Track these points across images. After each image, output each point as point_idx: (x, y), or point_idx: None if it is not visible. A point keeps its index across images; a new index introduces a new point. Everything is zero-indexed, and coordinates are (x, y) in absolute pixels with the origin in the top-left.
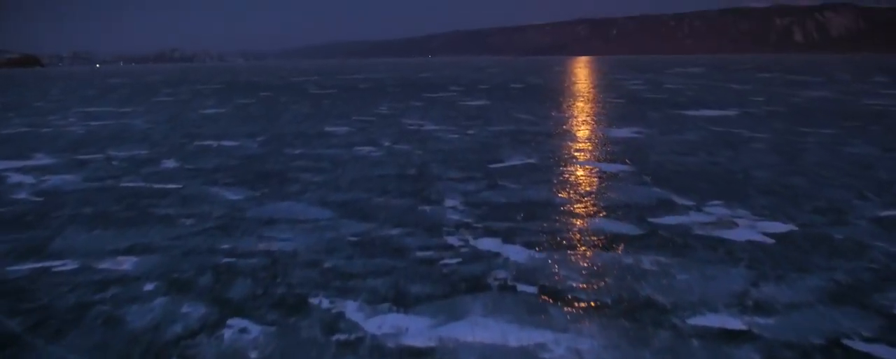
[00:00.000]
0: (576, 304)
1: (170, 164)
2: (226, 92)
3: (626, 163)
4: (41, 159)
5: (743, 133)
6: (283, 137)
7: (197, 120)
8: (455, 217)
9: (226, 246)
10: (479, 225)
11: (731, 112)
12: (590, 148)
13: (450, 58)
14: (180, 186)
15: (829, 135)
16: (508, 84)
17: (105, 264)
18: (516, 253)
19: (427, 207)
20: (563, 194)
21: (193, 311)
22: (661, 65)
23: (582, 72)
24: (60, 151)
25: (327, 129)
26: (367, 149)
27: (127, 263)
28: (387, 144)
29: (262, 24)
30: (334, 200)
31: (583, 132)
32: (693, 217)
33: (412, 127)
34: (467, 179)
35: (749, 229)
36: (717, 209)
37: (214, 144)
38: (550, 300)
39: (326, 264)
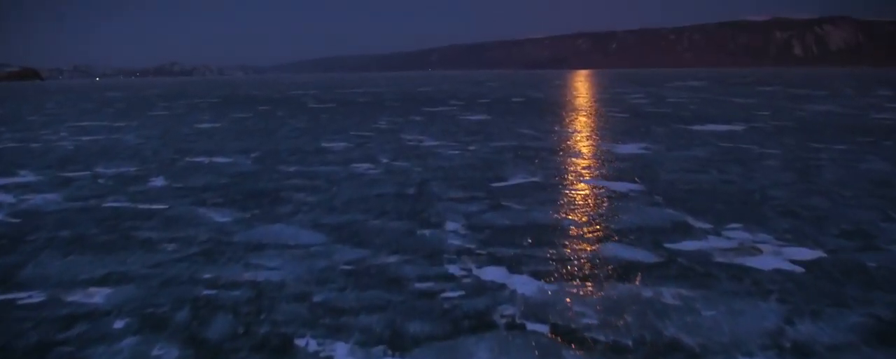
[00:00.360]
0: (593, 346)
1: (158, 182)
2: (223, 106)
3: (635, 181)
4: (25, 176)
5: (753, 149)
6: (278, 154)
7: (191, 135)
8: (456, 242)
9: (208, 276)
10: (483, 252)
11: (737, 127)
12: (596, 165)
13: (449, 71)
14: (166, 206)
15: (841, 151)
16: (509, 98)
17: (75, 296)
18: (524, 285)
19: (426, 231)
20: (571, 216)
21: (165, 354)
22: (662, 78)
23: (582, 85)
24: (46, 168)
25: (324, 144)
26: (364, 166)
27: (99, 296)
28: (385, 160)
29: (263, 38)
30: (328, 222)
31: (587, 148)
32: (712, 242)
33: (411, 143)
34: (469, 200)
35: (774, 257)
36: (736, 233)
37: (206, 160)
38: (564, 341)
39: (316, 298)
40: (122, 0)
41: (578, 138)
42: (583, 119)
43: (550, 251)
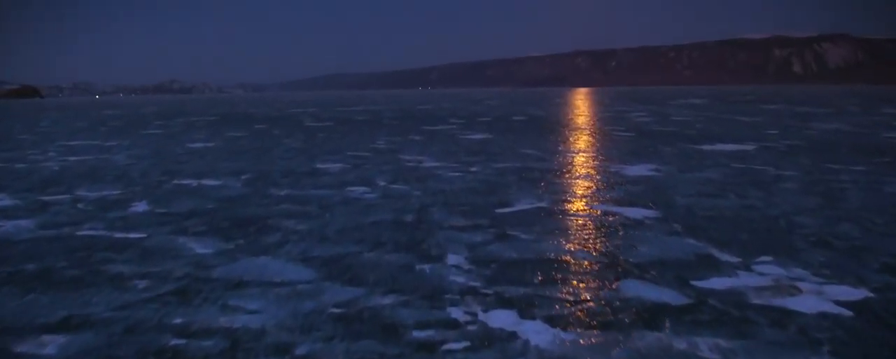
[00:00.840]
0: None
1: (140, 207)
2: (218, 124)
3: (649, 207)
4: (2, 200)
5: (768, 170)
6: (270, 176)
7: (182, 155)
8: (460, 280)
9: (179, 320)
10: (489, 291)
11: (748, 146)
12: (606, 188)
13: (448, 89)
14: (145, 235)
15: (861, 172)
16: (509, 116)
17: (25, 346)
18: (537, 333)
19: (426, 266)
20: (584, 248)
21: None
22: (663, 96)
23: (583, 103)
24: (26, 191)
25: (319, 166)
26: (360, 190)
27: (53, 345)
28: (382, 183)
29: (263, 56)
30: (318, 255)
31: (595, 169)
32: (744, 279)
33: (410, 164)
34: (472, 228)
35: (816, 297)
36: (769, 268)
37: (194, 183)
38: None
39: (300, 349)
40: (123, 18)
41: (584, 159)
42: (587, 138)
43: (565, 291)
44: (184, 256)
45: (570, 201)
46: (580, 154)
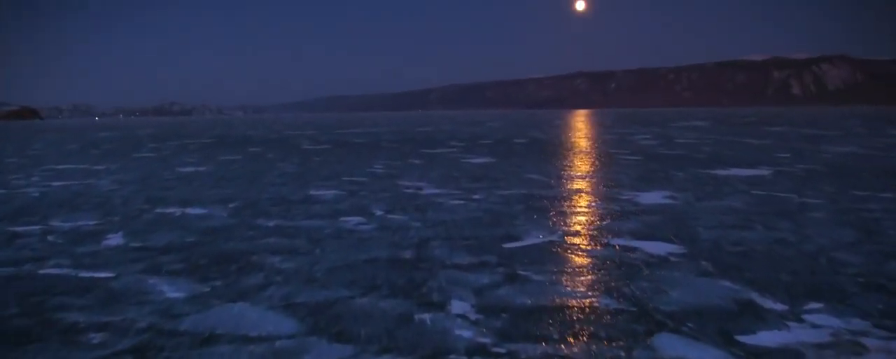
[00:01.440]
0: None
1: (114, 240)
2: (213, 147)
3: (671, 240)
4: None
5: (791, 198)
6: (259, 204)
7: (170, 180)
8: (466, 334)
9: None
10: (502, 350)
11: (763, 171)
12: (620, 219)
13: (448, 111)
14: (112, 274)
15: (891, 200)
16: (511, 139)
17: None
18: None
19: (427, 316)
20: (607, 293)
21: None
22: (664, 118)
23: (585, 125)
24: None
25: (312, 192)
26: (354, 220)
27: None
28: (379, 212)
29: (263, 78)
30: (304, 301)
31: (606, 197)
32: (797, 333)
33: (409, 190)
34: (479, 267)
35: (888, 356)
36: (822, 318)
37: (178, 211)
38: None
39: None
40: (124, 40)
41: (593, 185)
42: (593, 162)
43: (591, 348)
44: (151, 302)
45: (583, 234)
46: (588, 180)
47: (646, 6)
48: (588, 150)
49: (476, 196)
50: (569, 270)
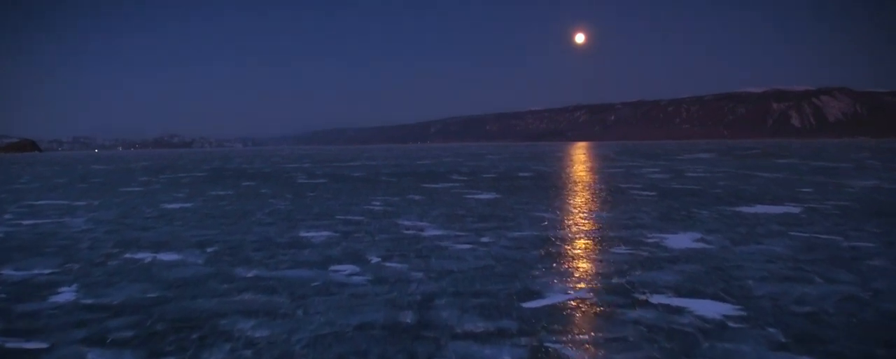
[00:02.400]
0: None
1: (65, 294)
2: (205, 181)
3: (722, 298)
4: None
5: (837, 241)
6: (242, 248)
7: (150, 219)
8: None
9: None
10: None
11: (792, 208)
12: (654, 268)
13: (448, 143)
14: (46, 344)
15: None
16: (515, 172)
17: None
18: None
19: None
20: None
21: None
22: (666, 150)
23: (587, 158)
24: None
25: (302, 234)
26: (346, 270)
27: None
28: (375, 260)
29: (263, 111)
30: None
31: (630, 240)
32: None
33: (410, 232)
34: (495, 337)
35: None
36: None
37: (148, 257)
38: None
39: None
40: (126, 72)
41: (611, 225)
42: (605, 198)
43: None
44: None
45: (616, 289)
46: (604, 219)
47: (644, 39)
48: (597, 184)
49: (484, 239)
50: (608, 340)
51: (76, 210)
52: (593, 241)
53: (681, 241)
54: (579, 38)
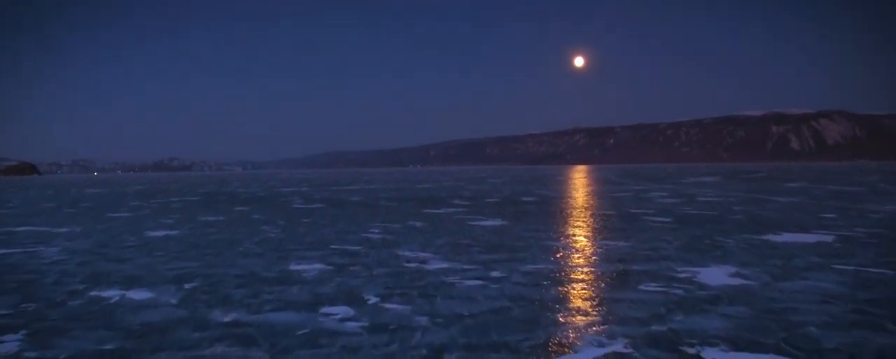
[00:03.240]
0: None
1: (7, 344)
2: (197, 206)
3: (790, 353)
4: None
5: (888, 275)
6: (223, 284)
7: (130, 248)
8: None
9: None
10: None
11: (824, 237)
12: (698, 312)
13: (448, 167)
14: None
15: None
16: (519, 197)
17: None
18: None
19: None
20: None
21: None
22: (669, 173)
23: (591, 182)
24: None
25: (292, 267)
26: (339, 313)
27: None
28: (372, 299)
29: (264, 134)
30: None
31: (659, 276)
32: None
33: (411, 265)
34: None
35: None
36: None
37: (116, 296)
38: None
39: None
40: (126, 95)
41: (634, 256)
42: (620, 226)
43: None
44: None
45: (658, 340)
46: (624, 249)
47: (643, 63)
48: (606, 209)
49: (495, 273)
50: None
51: (54, 238)
52: (618, 276)
53: (715, 276)
54: (578, 61)
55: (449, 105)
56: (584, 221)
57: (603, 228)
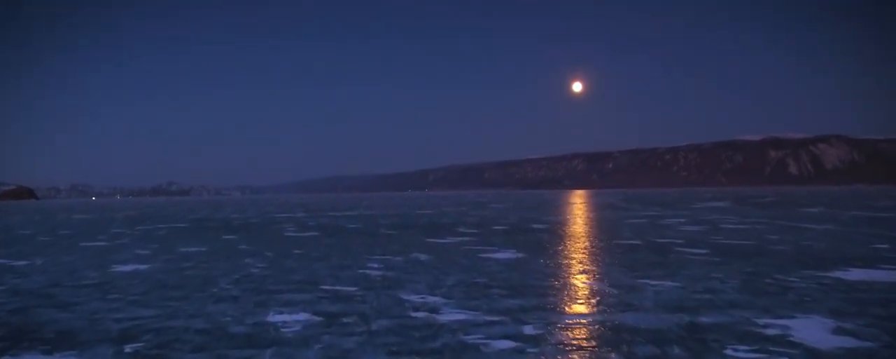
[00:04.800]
0: None
1: None
2: (182, 234)
3: None
4: None
5: None
6: (176, 345)
7: (84, 289)
8: None
9: None
10: None
11: (893, 272)
12: None
13: (447, 192)
14: None
15: None
16: (527, 224)
17: None
18: None
19: None
20: None
21: None
22: (674, 199)
23: (598, 207)
24: None
25: (271, 318)
26: None
27: None
28: None
29: (262, 159)
30: None
31: (741, 331)
32: None
33: (420, 314)
34: None
35: None
36: None
37: None
38: None
39: None
40: (125, 120)
41: (696, 304)
42: (653, 259)
43: None
44: None
45: None
46: (678, 292)
47: (641, 88)
48: (629, 238)
49: (528, 329)
50: None
51: (4, 274)
52: (689, 333)
53: (815, 333)
54: (577, 86)
55: (446, 130)
56: (610, 253)
57: (637, 263)
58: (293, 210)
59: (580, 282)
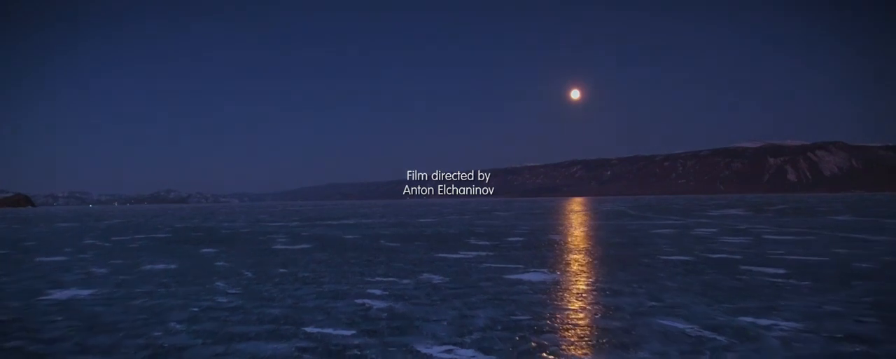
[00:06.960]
0: None
1: None
2: (158, 246)
3: None
4: None
5: None
6: None
7: (24, 318)
8: None
9: None
10: None
11: None
12: None
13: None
14: None
15: None
16: (543, 235)
17: None
18: None
19: None
20: None
21: None
22: (682, 206)
23: (609, 215)
24: None
25: None
26: None
27: None
28: None
29: (262, 166)
30: None
31: None
32: None
33: None
34: None
35: None
36: None
37: None
38: None
39: None
40: (123, 127)
41: (830, 356)
42: (725, 283)
43: None
44: None
45: None
46: (810, 340)
47: (640, 95)
48: (677, 254)
49: None
50: None
51: None
52: None
53: None
54: (575, 94)
55: (445, 138)
56: (667, 274)
57: (714, 290)
58: (287, 218)
59: (658, 322)
